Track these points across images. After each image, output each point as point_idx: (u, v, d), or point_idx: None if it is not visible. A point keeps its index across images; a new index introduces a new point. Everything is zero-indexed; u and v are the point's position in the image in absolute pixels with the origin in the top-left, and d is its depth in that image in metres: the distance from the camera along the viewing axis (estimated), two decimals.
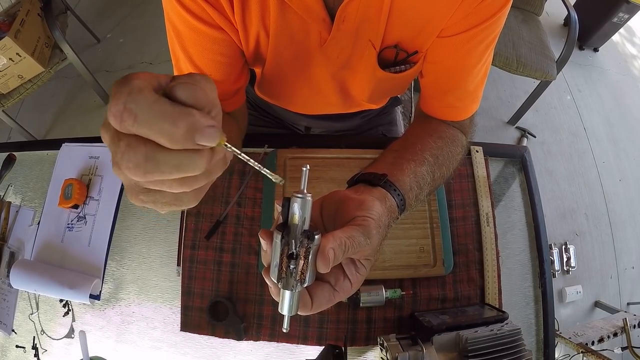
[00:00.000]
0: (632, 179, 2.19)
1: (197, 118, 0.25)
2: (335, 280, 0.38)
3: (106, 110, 0.24)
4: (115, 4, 2.58)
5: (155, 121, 0.24)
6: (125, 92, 0.23)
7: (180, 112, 0.24)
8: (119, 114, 0.23)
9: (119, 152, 0.24)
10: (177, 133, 0.24)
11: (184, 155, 0.25)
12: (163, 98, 0.24)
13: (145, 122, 0.23)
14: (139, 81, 0.24)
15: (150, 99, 0.24)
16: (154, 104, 0.24)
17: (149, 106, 0.23)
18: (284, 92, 0.73)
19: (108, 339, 0.77)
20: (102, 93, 2.13)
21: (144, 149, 0.24)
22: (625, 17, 2.31)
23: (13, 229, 0.85)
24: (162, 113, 0.24)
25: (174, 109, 0.24)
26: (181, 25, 0.53)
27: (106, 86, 2.15)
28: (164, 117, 0.24)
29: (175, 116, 0.24)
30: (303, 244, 0.33)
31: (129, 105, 0.23)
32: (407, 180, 0.50)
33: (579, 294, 1.82)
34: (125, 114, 0.23)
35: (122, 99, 0.23)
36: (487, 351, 0.62)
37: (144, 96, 0.24)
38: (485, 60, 0.58)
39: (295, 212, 0.33)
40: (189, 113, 0.25)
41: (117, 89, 0.24)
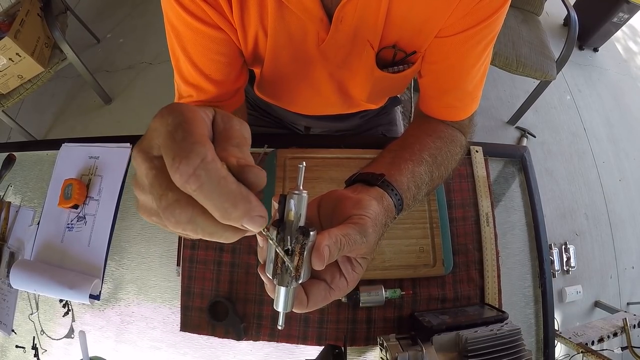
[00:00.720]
0: (632, 179, 2.19)
1: (253, 205, 0.26)
2: (331, 278, 0.38)
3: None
4: (115, 4, 2.58)
5: (217, 197, 0.24)
6: (198, 157, 0.24)
7: (242, 196, 0.25)
8: (186, 176, 0.23)
9: (165, 201, 0.25)
10: (232, 214, 0.25)
11: (223, 228, 0.26)
12: (231, 176, 0.25)
13: (208, 194, 0.24)
14: (211, 148, 0.25)
15: (220, 173, 0.24)
16: (222, 180, 0.24)
17: (217, 181, 0.24)
18: (283, 92, 0.73)
19: (108, 339, 0.77)
20: (102, 93, 2.13)
21: (191, 212, 0.25)
22: (625, 17, 2.31)
23: (13, 229, 0.85)
24: (228, 192, 0.25)
25: (239, 191, 0.25)
26: (180, 26, 0.53)
27: (106, 86, 2.15)
28: (227, 197, 0.24)
29: (238, 199, 0.25)
30: (298, 240, 0.33)
31: (199, 172, 0.23)
32: (404, 180, 0.50)
33: (579, 294, 1.82)
34: (193, 178, 0.23)
35: (193, 163, 0.23)
36: (487, 351, 0.62)
37: (215, 169, 0.24)
38: (484, 60, 0.57)
39: (291, 208, 0.33)
40: (249, 199, 0.25)
41: (188, 145, 0.24)
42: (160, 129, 0.25)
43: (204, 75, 0.57)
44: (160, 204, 0.25)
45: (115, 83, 2.25)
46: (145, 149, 0.26)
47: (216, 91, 0.60)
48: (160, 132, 0.25)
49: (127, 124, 2.11)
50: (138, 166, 0.26)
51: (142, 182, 0.26)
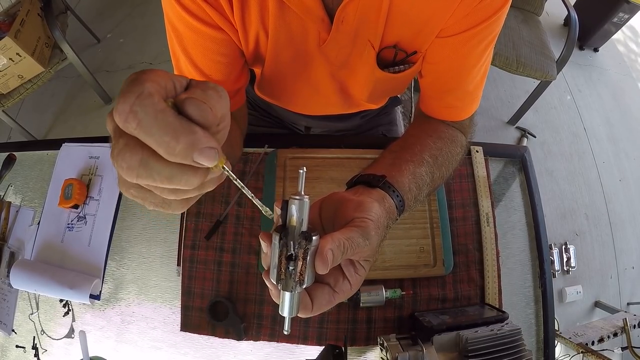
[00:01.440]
0: (632, 179, 2.19)
1: (198, 137, 0.25)
2: (335, 281, 0.38)
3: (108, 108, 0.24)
4: (115, 4, 2.58)
5: (156, 131, 0.24)
6: (134, 94, 0.23)
7: (183, 127, 0.24)
8: (124, 114, 0.23)
9: (117, 148, 0.25)
10: (176, 147, 0.24)
11: (178, 169, 0.25)
12: (170, 109, 0.24)
13: (147, 129, 0.23)
14: (150, 84, 0.24)
15: (157, 107, 0.24)
16: (160, 113, 0.24)
17: (154, 114, 0.23)
18: (283, 92, 0.73)
19: (108, 339, 0.77)
20: (102, 93, 2.13)
21: (141, 153, 0.24)
22: (625, 17, 2.31)
23: (13, 229, 0.85)
24: (166, 125, 0.24)
25: (179, 123, 0.24)
26: (181, 26, 0.53)
27: (106, 86, 2.15)
28: (166, 129, 0.24)
29: (178, 131, 0.24)
30: (301, 245, 0.33)
31: (135, 107, 0.23)
32: (405, 181, 0.50)
33: (579, 294, 1.82)
34: (131, 115, 0.23)
35: (130, 100, 0.23)
36: (487, 351, 0.62)
37: (152, 102, 0.23)
38: (484, 60, 0.57)
39: (293, 213, 0.33)
40: (192, 131, 0.25)
41: (128, 87, 0.24)
42: (121, 87, 0.25)
43: (204, 76, 0.57)
44: (113, 153, 0.25)
45: (115, 83, 2.25)
46: (111, 114, 0.25)
47: None
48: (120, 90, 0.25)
49: None
50: (108, 129, 0.26)
51: (111, 136, 0.26)
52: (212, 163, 0.26)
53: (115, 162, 0.25)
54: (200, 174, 0.26)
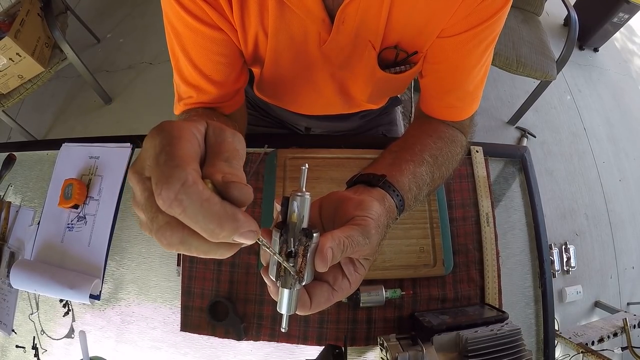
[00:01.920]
0: (632, 179, 2.19)
1: (241, 223, 0.26)
2: (334, 279, 0.38)
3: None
4: (115, 4, 2.58)
5: (202, 219, 0.24)
6: (178, 182, 0.24)
7: (227, 216, 0.25)
8: (168, 202, 0.24)
9: (156, 224, 0.25)
10: (220, 234, 0.25)
11: (216, 246, 0.27)
12: (214, 196, 0.25)
13: (192, 216, 0.24)
14: (193, 170, 0.24)
15: (202, 196, 0.24)
16: (205, 202, 0.24)
17: (200, 204, 0.24)
18: (283, 92, 0.73)
19: (108, 339, 0.77)
20: (102, 93, 2.13)
21: (182, 233, 0.25)
22: (625, 17, 2.31)
23: (13, 229, 0.85)
24: (212, 214, 0.24)
25: (223, 211, 0.25)
26: (180, 26, 0.53)
27: (106, 86, 2.15)
28: (212, 218, 0.24)
29: (223, 219, 0.25)
30: (301, 242, 0.33)
31: (180, 196, 0.23)
32: (406, 181, 0.50)
33: (579, 294, 1.82)
34: (175, 203, 0.24)
35: (174, 188, 0.23)
36: (487, 351, 0.62)
37: (197, 191, 0.24)
38: (485, 60, 0.58)
39: (294, 210, 0.33)
40: (235, 218, 0.25)
41: (169, 170, 0.24)
42: (149, 150, 0.25)
43: (204, 76, 0.57)
44: (152, 226, 0.25)
45: (115, 83, 2.25)
46: (138, 170, 0.26)
47: (216, 92, 0.60)
48: (149, 154, 0.25)
49: (127, 124, 2.12)
50: (133, 187, 0.26)
51: (139, 201, 0.26)
52: (252, 242, 0.27)
53: (155, 235, 0.26)
54: (235, 248, 0.28)
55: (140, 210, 0.26)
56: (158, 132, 0.26)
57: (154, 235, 0.26)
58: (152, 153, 0.25)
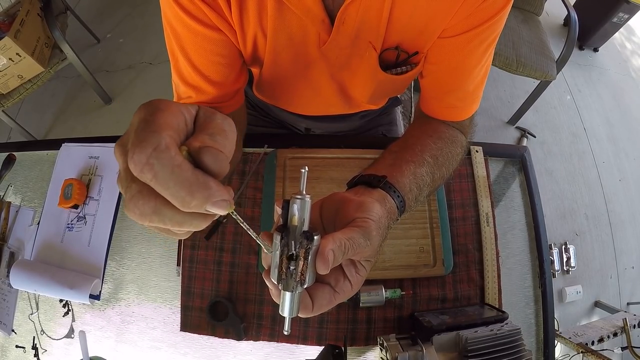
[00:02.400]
0: (632, 179, 2.19)
1: (213, 191, 0.25)
2: (336, 281, 0.38)
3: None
4: (115, 4, 2.58)
5: (172, 185, 0.24)
6: (151, 145, 0.23)
7: (199, 183, 0.25)
8: (139, 165, 0.23)
9: (129, 193, 0.25)
10: (191, 202, 0.25)
11: (189, 216, 0.26)
12: (186, 163, 0.25)
13: (163, 182, 0.24)
14: (167, 134, 0.24)
15: (174, 161, 0.24)
16: (176, 168, 0.24)
17: (171, 169, 0.24)
18: (282, 93, 0.73)
19: (108, 339, 0.77)
20: (102, 93, 2.13)
21: (154, 202, 0.25)
22: (625, 17, 2.31)
23: (13, 229, 0.85)
24: (182, 180, 0.24)
25: (194, 178, 0.24)
26: (179, 27, 0.53)
27: (106, 86, 2.15)
28: (182, 185, 0.24)
29: (194, 186, 0.24)
30: (302, 245, 0.33)
31: (151, 160, 0.23)
32: (406, 182, 0.50)
33: (579, 294, 1.82)
34: (147, 167, 0.23)
35: (146, 151, 0.23)
36: (487, 351, 0.62)
37: (169, 156, 0.24)
38: (485, 61, 0.57)
39: (295, 213, 0.33)
40: (207, 186, 0.25)
41: (144, 133, 0.24)
42: (133, 122, 0.25)
43: (203, 77, 0.57)
44: (126, 195, 0.25)
45: (115, 83, 2.25)
46: (123, 142, 0.26)
47: (216, 92, 0.60)
48: (133, 126, 0.25)
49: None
50: (117, 160, 0.26)
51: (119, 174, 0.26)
52: (224, 212, 0.27)
53: (127, 206, 0.25)
54: (209, 219, 0.27)
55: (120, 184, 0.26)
56: (145, 106, 0.26)
57: (127, 205, 0.25)
58: (135, 123, 0.25)
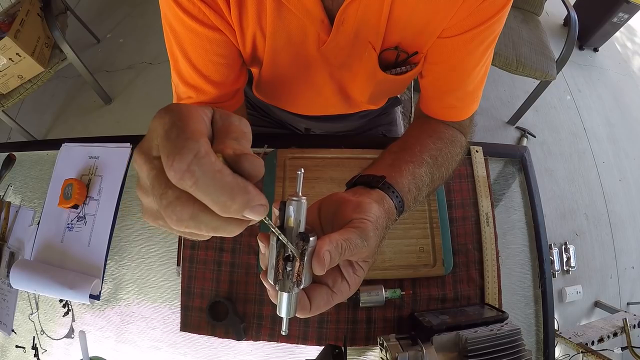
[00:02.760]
0: (632, 179, 2.19)
1: (252, 196, 0.25)
2: (333, 282, 0.38)
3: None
4: (115, 4, 2.58)
5: (214, 191, 0.24)
6: (191, 152, 0.23)
7: (239, 187, 0.25)
8: (180, 173, 0.23)
9: (165, 199, 0.25)
10: (231, 207, 0.25)
11: (225, 222, 0.26)
12: (226, 168, 0.25)
13: (204, 189, 0.24)
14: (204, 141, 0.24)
15: (215, 167, 0.24)
16: (217, 174, 0.24)
17: (212, 175, 0.24)
18: (282, 93, 0.73)
19: (108, 339, 0.77)
20: (102, 93, 2.13)
21: (192, 208, 0.25)
22: (625, 17, 2.31)
23: (13, 229, 0.85)
24: (223, 185, 0.24)
25: (235, 183, 0.25)
26: (179, 27, 0.53)
27: (106, 86, 2.15)
28: (223, 190, 0.24)
29: (234, 191, 0.25)
30: (298, 246, 0.33)
31: (192, 167, 0.23)
32: (405, 182, 0.50)
33: (579, 294, 1.82)
34: (187, 174, 0.23)
35: (187, 159, 0.23)
36: (487, 351, 0.62)
37: (209, 162, 0.24)
38: (485, 61, 0.57)
39: (291, 214, 0.33)
40: (247, 190, 0.25)
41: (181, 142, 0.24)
42: (157, 129, 0.25)
43: (203, 77, 0.57)
44: (161, 202, 0.25)
45: (115, 83, 2.25)
46: (145, 150, 0.26)
47: (216, 92, 0.60)
48: (158, 132, 0.25)
49: (127, 124, 2.12)
50: (139, 168, 0.26)
51: (145, 184, 0.26)
52: (261, 218, 0.27)
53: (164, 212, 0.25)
54: (244, 224, 0.27)
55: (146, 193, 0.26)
56: (167, 111, 0.26)
57: (163, 212, 0.25)
58: (161, 131, 0.25)
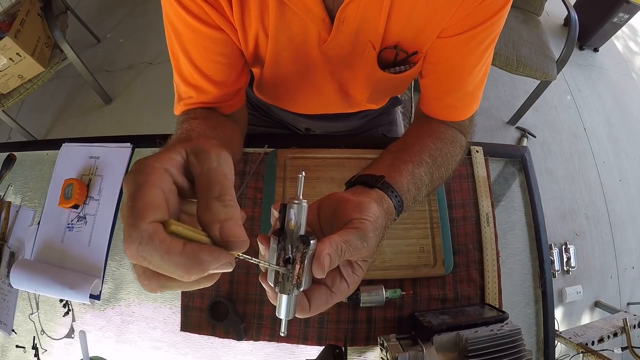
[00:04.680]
0: (632, 179, 2.19)
1: (207, 263, 0.26)
2: (332, 282, 0.38)
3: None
4: (115, 4, 2.58)
5: (167, 268, 0.26)
6: (136, 241, 0.25)
7: (191, 263, 0.26)
8: (133, 258, 0.25)
9: (136, 272, 0.27)
10: (190, 277, 0.26)
11: (197, 282, 0.28)
12: (174, 245, 0.25)
13: (159, 267, 0.25)
14: (149, 224, 0.25)
15: (160, 250, 0.25)
16: (165, 255, 0.25)
17: (160, 257, 0.25)
18: (283, 92, 0.73)
19: (108, 339, 0.77)
20: (102, 93, 2.13)
21: (158, 280, 0.27)
22: (625, 17, 2.31)
23: (13, 229, 0.85)
24: (175, 264, 0.25)
25: (185, 259, 0.26)
26: (181, 26, 0.53)
27: (106, 86, 2.15)
28: (176, 266, 0.25)
29: (188, 266, 0.26)
30: (299, 249, 0.33)
31: (141, 253, 0.25)
32: (404, 182, 0.50)
33: (579, 294, 1.82)
34: (140, 259, 0.25)
35: (132, 247, 0.25)
36: (487, 351, 0.62)
37: (154, 247, 0.25)
38: (485, 61, 0.57)
39: (291, 217, 0.33)
40: (200, 261, 0.26)
41: (129, 228, 0.25)
42: (124, 196, 0.27)
43: (204, 76, 0.57)
44: (135, 274, 0.28)
45: (115, 83, 2.25)
46: (122, 213, 0.27)
47: (217, 92, 0.60)
48: (123, 200, 0.27)
49: (127, 124, 2.12)
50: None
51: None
52: (229, 270, 0.28)
53: (139, 282, 0.27)
54: (216, 277, 0.29)
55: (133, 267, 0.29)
56: (129, 177, 0.27)
57: (138, 279, 0.28)
58: (124, 199, 0.27)
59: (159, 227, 0.26)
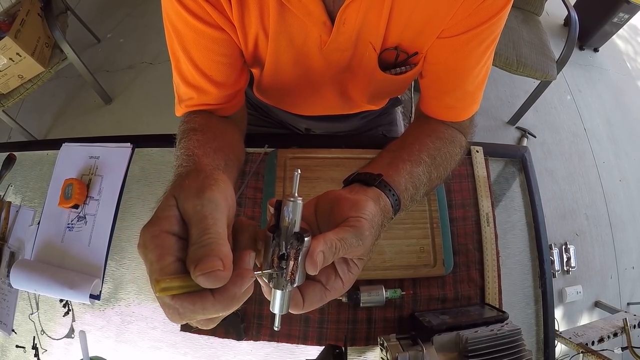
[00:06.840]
0: (632, 179, 2.19)
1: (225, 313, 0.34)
2: (327, 279, 0.38)
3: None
4: (116, 4, 2.58)
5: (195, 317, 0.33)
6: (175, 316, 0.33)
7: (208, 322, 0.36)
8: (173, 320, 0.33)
9: (160, 303, 0.33)
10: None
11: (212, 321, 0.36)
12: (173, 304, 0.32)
13: (187, 318, 0.33)
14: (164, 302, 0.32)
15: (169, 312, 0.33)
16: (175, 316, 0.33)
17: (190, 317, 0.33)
18: (283, 93, 0.73)
19: (108, 339, 0.77)
20: (102, 93, 2.13)
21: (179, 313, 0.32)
22: (625, 17, 2.31)
23: (13, 229, 0.85)
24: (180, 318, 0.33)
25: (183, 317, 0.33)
26: (181, 26, 0.53)
27: (106, 86, 2.15)
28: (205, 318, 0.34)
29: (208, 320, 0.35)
30: (293, 246, 0.34)
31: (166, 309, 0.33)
32: (402, 181, 0.50)
33: (579, 294, 1.82)
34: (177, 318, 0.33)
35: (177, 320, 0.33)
36: (487, 351, 0.62)
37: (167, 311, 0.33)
38: (485, 61, 0.57)
39: (286, 215, 0.34)
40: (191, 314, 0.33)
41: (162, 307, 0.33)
42: (142, 258, 0.33)
43: (205, 76, 0.57)
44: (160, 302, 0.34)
45: (115, 83, 2.25)
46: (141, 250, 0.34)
47: (217, 93, 0.60)
48: (144, 262, 0.33)
49: (127, 124, 2.12)
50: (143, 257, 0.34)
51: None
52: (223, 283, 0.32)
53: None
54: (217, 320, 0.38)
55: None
56: (140, 251, 0.33)
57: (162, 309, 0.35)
58: (145, 262, 0.33)
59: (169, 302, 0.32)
